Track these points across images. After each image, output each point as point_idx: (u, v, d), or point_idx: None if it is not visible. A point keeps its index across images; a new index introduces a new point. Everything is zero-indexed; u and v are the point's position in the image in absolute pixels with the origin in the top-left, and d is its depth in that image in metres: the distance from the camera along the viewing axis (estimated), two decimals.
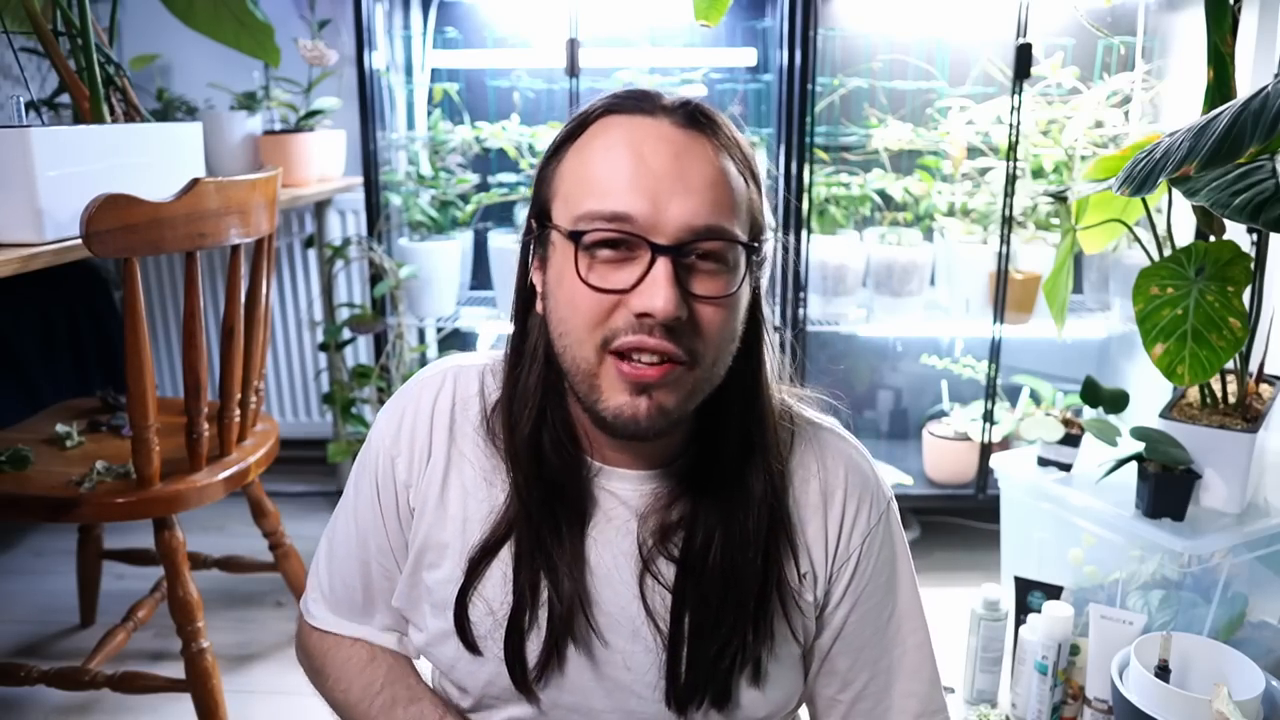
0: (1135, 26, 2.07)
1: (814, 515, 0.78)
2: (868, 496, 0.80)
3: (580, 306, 0.67)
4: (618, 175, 0.65)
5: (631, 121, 0.68)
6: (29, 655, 1.81)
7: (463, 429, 0.79)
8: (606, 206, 0.65)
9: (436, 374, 0.82)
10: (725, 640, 0.74)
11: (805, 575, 0.77)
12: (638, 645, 0.76)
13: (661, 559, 0.75)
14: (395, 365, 2.22)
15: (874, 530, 0.79)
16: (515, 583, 0.75)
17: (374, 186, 2.15)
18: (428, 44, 2.28)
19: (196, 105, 2.16)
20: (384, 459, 0.81)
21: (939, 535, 2.26)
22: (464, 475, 0.79)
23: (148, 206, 1.24)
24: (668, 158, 0.65)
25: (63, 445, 1.53)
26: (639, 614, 0.75)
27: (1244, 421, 1.42)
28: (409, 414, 0.81)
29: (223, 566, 1.85)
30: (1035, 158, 2.10)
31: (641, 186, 0.65)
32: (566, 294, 0.68)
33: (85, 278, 2.28)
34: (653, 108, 0.68)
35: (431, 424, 0.80)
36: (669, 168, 0.65)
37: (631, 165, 0.65)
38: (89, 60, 1.45)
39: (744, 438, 0.75)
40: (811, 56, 1.96)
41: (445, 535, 0.79)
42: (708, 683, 0.74)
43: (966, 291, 2.16)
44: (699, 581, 0.74)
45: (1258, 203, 1.02)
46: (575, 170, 0.69)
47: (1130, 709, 1.13)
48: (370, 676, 0.83)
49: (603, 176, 0.66)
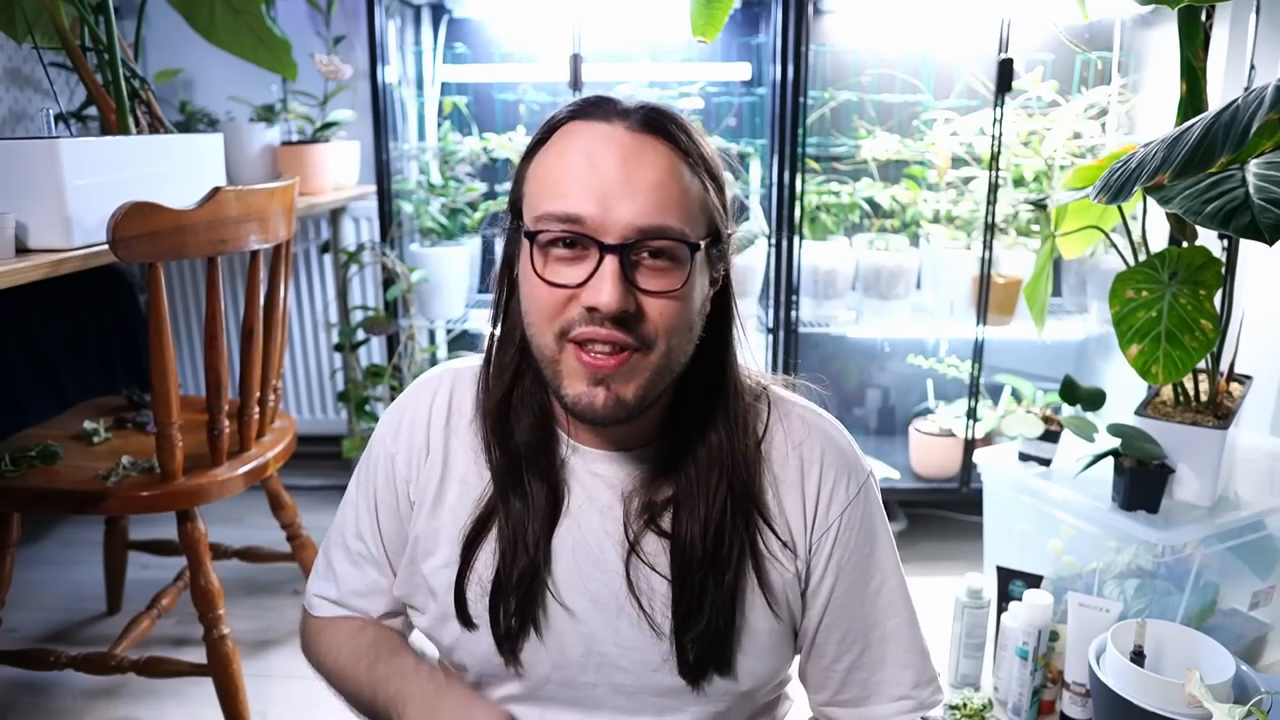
0: (1112, 42, 2.09)
1: (792, 490, 0.79)
2: (845, 470, 0.80)
3: (539, 299, 0.71)
4: (570, 179, 0.68)
5: (589, 128, 0.70)
6: (58, 641, 1.82)
7: (458, 425, 0.82)
8: (560, 208, 0.68)
9: (434, 376, 0.85)
10: (713, 613, 0.75)
11: (786, 545, 0.78)
12: (622, 620, 0.77)
13: (648, 537, 0.77)
14: (407, 365, 2.23)
15: (853, 503, 0.79)
16: (499, 556, 0.78)
17: (386, 195, 2.16)
18: (438, 59, 2.29)
19: (217, 117, 2.16)
20: (385, 457, 0.84)
21: (925, 527, 2.27)
22: (460, 468, 0.81)
23: (171, 214, 1.25)
24: (617, 161, 0.68)
25: (90, 441, 1.55)
26: (623, 591, 0.77)
27: (1215, 419, 1.44)
28: (408, 414, 0.84)
29: (242, 557, 1.85)
30: (1016, 167, 2.10)
31: (591, 190, 0.68)
32: (529, 287, 0.72)
33: (112, 282, 2.29)
34: (609, 113, 0.70)
35: (429, 422, 0.82)
36: (617, 171, 0.68)
37: (584, 170, 0.68)
38: (115, 74, 1.46)
39: (714, 419, 0.77)
40: (803, 71, 1.97)
41: (440, 523, 0.81)
42: (709, 654, 0.76)
43: (951, 295, 2.16)
44: (683, 558, 0.75)
45: (1228, 210, 1.03)
46: (537, 174, 0.72)
47: (1107, 692, 1.14)
48: (357, 641, 0.87)
49: (558, 180, 0.69)
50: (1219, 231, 1.15)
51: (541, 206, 0.70)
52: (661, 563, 0.77)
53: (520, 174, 0.75)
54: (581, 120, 0.71)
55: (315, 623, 0.92)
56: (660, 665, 0.78)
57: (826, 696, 0.85)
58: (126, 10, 2.18)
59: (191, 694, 1.66)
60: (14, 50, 2.07)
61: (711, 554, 0.75)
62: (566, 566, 0.78)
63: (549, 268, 0.70)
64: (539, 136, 0.74)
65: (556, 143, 0.72)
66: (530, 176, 0.73)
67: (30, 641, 1.83)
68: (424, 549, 0.82)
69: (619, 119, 0.70)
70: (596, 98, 0.73)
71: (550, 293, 0.70)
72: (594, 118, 0.71)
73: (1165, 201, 1.13)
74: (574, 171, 0.69)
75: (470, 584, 0.79)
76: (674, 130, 0.71)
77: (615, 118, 0.70)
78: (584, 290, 0.69)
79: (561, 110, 0.73)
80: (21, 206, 1.25)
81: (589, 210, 0.68)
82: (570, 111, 0.72)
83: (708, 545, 0.75)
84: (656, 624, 0.77)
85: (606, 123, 0.70)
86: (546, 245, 0.70)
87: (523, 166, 0.74)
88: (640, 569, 0.77)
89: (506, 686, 0.82)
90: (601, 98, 0.72)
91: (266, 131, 2.08)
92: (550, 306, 0.70)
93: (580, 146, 0.70)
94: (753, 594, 0.78)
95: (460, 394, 0.84)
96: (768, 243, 2.12)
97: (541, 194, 0.71)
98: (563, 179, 0.69)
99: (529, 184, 0.73)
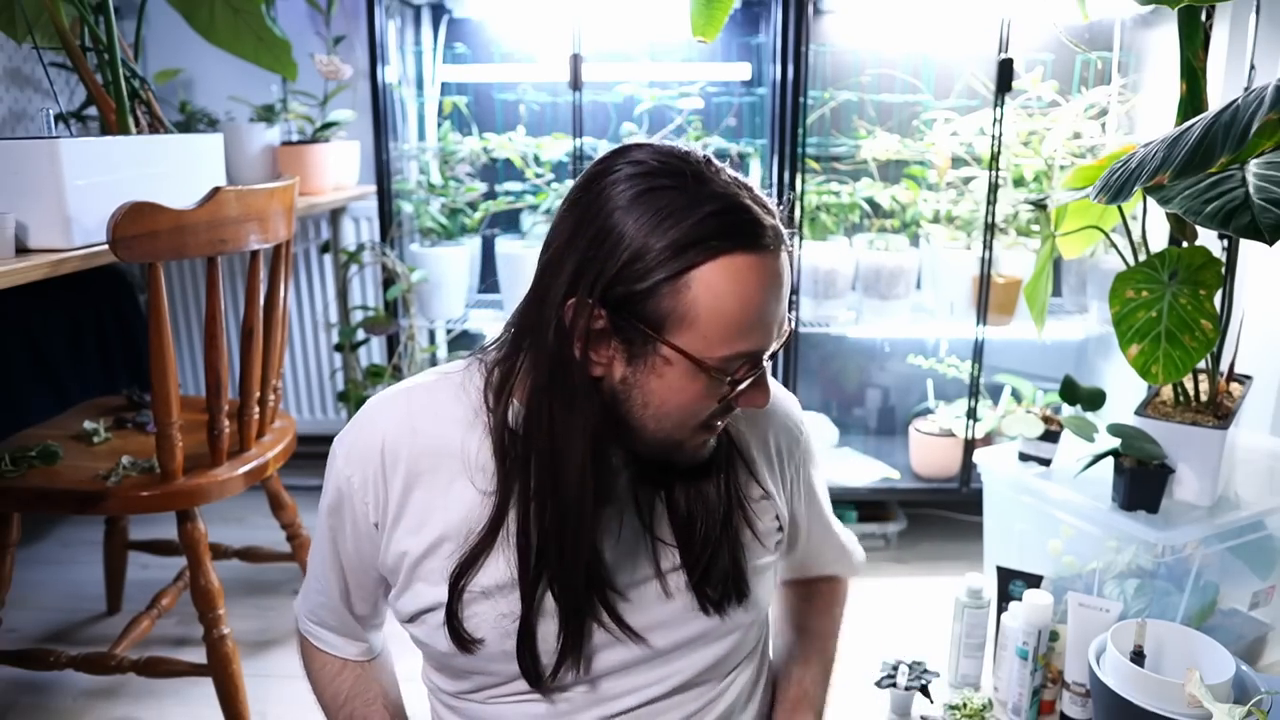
0: (1112, 42, 2.09)
1: (760, 450, 0.89)
2: (789, 427, 0.93)
3: (699, 413, 0.75)
4: (757, 318, 0.71)
5: (754, 263, 0.70)
6: (58, 641, 1.83)
7: (419, 451, 0.80)
8: (749, 348, 0.72)
9: (380, 403, 0.83)
10: (726, 558, 0.83)
11: (764, 498, 0.88)
12: (652, 596, 0.82)
13: (660, 521, 0.82)
14: (407, 365, 2.23)
15: (796, 452, 0.94)
16: (524, 589, 0.78)
17: (386, 194, 2.17)
18: (438, 59, 2.29)
19: (217, 117, 2.17)
20: (345, 489, 0.82)
21: (925, 527, 2.28)
22: (426, 493, 0.80)
23: (171, 214, 1.25)
24: (778, 290, 0.72)
25: (90, 441, 1.55)
26: (651, 572, 0.82)
27: (1215, 419, 1.43)
28: (360, 443, 0.81)
29: (242, 556, 1.86)
30: (1016, 167, 2.11)
31: (772, 322, 0.73)
32: (686, 401, 0.74)
33: (112, 282, 2.29)
34: (760, 236, 0.70)
35: (382, 449, 0.80)
36: (778, 299, 0.73)
37: (765, 307, 0.71)
38: (115, 74, 1.46)
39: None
40: (803, 71, 1.98)
41: (414, 548, 0.80)
42: (728, 590, 0.84)
43: (951, 295, 2.17)
44: (686, 521, 0.82)
45: (1228, 210, 1.03)
46: (714, 310, 0.69)
47: (1107, 692, 1.12)
48: (336, 688, 0.92)
49: (745, 320, 0.70)
50: (1219, 231, 1.14)
51: (729, 347, 0.71)
52: (664, 526, 0.83)
53: (657, 285, 0.69)
54: (744, 254, 0.69)
55: (305, 641, 0.96)
56: (685, 616, 0.83)
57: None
58: (126, 10, 2.19)
59: (191, 694, 1.66)
60: (14, 50, 2.08)
61: (724, 512, 0.83)
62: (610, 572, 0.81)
63: (724, 388, 0.74)
64: (689, 260, 0.68)
65: (728, 278, 0.69)
66: (693, 304, 0.69)
67: (30, 641, 1.83)
68: (406, 576, 0.81)
69: (769, 239, 0.71)
70: (748, 222, 0.70)
71: (714, 405, 0.75)
72: (753, 249, 0.70)
73: (1165, 201, 1.13)
74: (758, 310, 0.71)
75: (468, 605, 0.79)
76: (788, 242, 0.75)
77: (765, 238, 0.71)
78: (743, 396, 0.75)
79: (708, 224, 0.68)
80: (21, 206, 1.26)
81: (769, 342, 0.74)
82: (732, 244, 0.69)
83: (719, 502, 0.83)
84: (671, 587, 0.83)
85: (769, 255, 0.71)
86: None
87: (665, 280, 0.68)
88: (664, 553, 0.83)
89: (519, 682, 0.82)
90: (749, 222, 0.70)
91: (266, 131, 2.09)
92: (707, 417, 0.76)
93: (758, 288, 0.71)
94: (753, 535, 0.87)
95: (414, 416, 0.81)
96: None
97: (726, 335, 0.71)
98: (749, 320, 0.71)
99: (692, 311, 0.69)
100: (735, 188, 0.71)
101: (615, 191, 0.70)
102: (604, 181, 0.71)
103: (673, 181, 0.69)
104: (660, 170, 0.70)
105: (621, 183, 0.70)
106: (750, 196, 0.72)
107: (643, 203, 0.69)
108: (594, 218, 0.70)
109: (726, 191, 0.70)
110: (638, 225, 0.68)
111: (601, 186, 0.71)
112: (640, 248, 0.68)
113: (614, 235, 0.69)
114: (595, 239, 0.70)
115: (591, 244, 0.70)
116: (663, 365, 0.72)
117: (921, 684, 1.34)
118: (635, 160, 0.71)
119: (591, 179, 0.72)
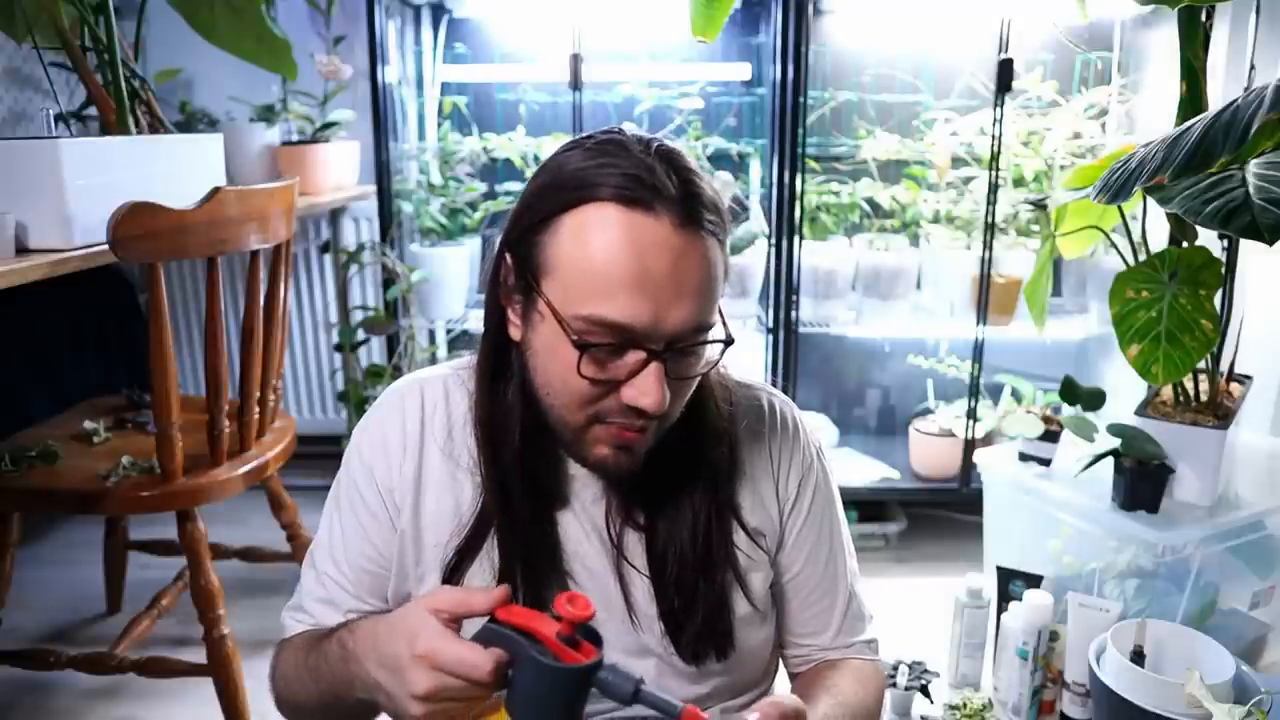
0: (1112, 42, 2.10)
1: (761, 465, 0.84)
2: (799, 444, 0.86)
3: (573, 387, 0.69)
4: (621, 281, 0.65)
5: (634, 220, 0.65)
6: (58, 641, 1.83)
7: (430, 436, 0.81)
8: (610, 316, 0.65)
9: (402, 388, 0.84)
10: (706, 609, 0.79)
11: (756, 529, 0.83)
12: (612, 616, 0.79)
13: (628, 534, 0.79)
14: (407, 365, 2.24)
15: (808, 472, 0.86)
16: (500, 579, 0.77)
17: (386, 194, 2.17)
18: (438, 59, 2.30)
19: (217, 117, 2.17)
20: (363, 470, 0.82)
21: (925, 527, 2.28)
22: (434, 478, 0.81)
23: (171, 214, 1.25)
24: (668, 264, 0.65)
25: (90, 441, 1.56)
26: (617, 594, 0.79)
27: (1215, 419, 1.43)
28: (381, 426, 0.82)
29: (243, 557, 1.86)
30: (1016, 167, 2.11)
31: (645, 295, 0.65)
32: (559, 369, 0.69)
33: (112, 282, 2.29)
34: (653, 200, 0.65)
35: (404, 432, 0.81)
36: (669, 276, 0.65)
37: (635, 273, 0.65)
38: (115, 74, 1.46)
39: (690, 430, 0.78)
40: (804, 71, 1.98)
41: (423, 541, 0.81)
42: (707, 643, 0.79)
43: (951, 295, 2.17)
44: (662, 560, 0.78)
45: (1228, 210, 1.02)
46: (574, 258, 0.66)
47: (1107, 692, 1.13)
48: (298, 651, 0.82)
49: (606, 278, 0.65)
50: (1219, 231, 1.14)
51: (585, 306, 0.66)
52: (640, 559, 0.80)
53: (536, 235, 0.69)
54: (624, 208, 0.66)
55: (277, 655, 0.86)
56: (650, 652, 0.80)
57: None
58: (126, 10, 2.17)
59: (191, 694, 1.66)
60: (14, 50, 2.08)
61: (702, 558, 0.78)
62: (563, 570, 0.80)
63: (586, 363, 0.67)
64: (565, 200, 0.67)
65: (597, 229, 0.66)
66: (559, 255, 0.67)
67: (30, 641, 1.83)
68: (414, 574, 0.81)
69: (665, 210, 0.66)
70: (636, 177, 0.66)
71: (588, 384, 0.69)
72: (638, 206, 0.65)
73: (1165, 201, 1.12)
74: (624, 273, 0.65)
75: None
76: (711, 218, 0.68)
77: (661, 208, 0.66)
78: (626, 387, 0.68)
79: (594, 179, 0.67)
80: (21, 206, 1.26)
81: (642, 321, 0.66)
82: (613, 191, 0.66)
83: (697, 550, 0.78)
84: (639, 618, 0.80)
85: (653, 216, 0.65)
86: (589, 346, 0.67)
87: (540, 228, 0.68)
88: (627, 570, 0.80)
89: None
90: (642, 177, 0.66)
91: (266, 131, 2.10)
92: (586, 396, 0.69)
93: (628, 243, 0.65)
94: (736, 581, 0.82)
95: (430, 405, 0.82)
96: (767, 243, 2.13)
97: (583, 288, 0.66)
98: (611, 279, 0.65)
99: (559, 262, 0.67)
100: (655, 161, 0.67)
101: (549, 161, 0.72)
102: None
103: (596, 147, 0.69)
104: (593, 142, 0.70)
105: (559, 154, 0.72)
106: (670, 171, 0.67)
107: (560, 159, 0.70)
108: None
109: (640, 159, 0.67)
110: (545, 175, 0.71)
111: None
112: (536, 189, 0.70)
113: (528, 187, 0.72)
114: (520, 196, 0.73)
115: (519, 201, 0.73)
116: (539, 320, 0.70)
117: (921, 684, 1.34)
118: (585, 138, 0.72)
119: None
